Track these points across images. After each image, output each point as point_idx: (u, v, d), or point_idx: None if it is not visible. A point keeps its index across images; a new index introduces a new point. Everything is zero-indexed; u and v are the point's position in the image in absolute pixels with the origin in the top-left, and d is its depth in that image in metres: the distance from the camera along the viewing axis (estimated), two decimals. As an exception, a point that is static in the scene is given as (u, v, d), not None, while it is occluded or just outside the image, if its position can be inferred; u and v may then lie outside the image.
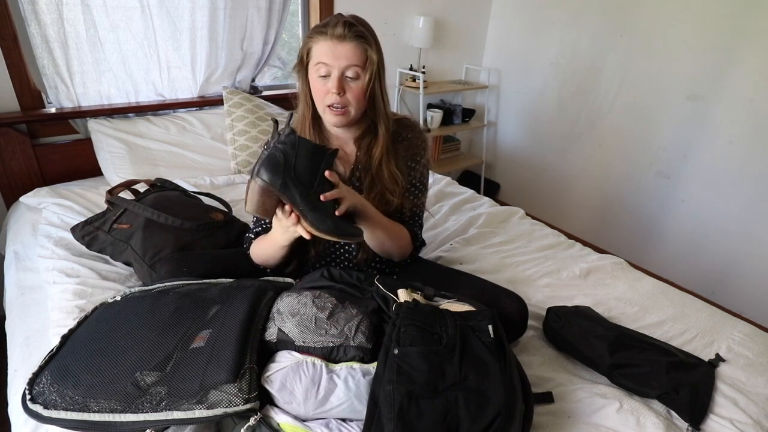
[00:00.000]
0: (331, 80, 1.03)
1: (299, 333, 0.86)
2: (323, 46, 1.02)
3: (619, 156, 2.54)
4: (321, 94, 1.05)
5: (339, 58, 1.01)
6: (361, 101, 1.06)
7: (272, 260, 1.12)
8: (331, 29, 1.00)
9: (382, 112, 1.10)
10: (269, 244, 1.08)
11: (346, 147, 1.18)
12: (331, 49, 1.01)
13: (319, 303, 0.90)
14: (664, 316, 1.27)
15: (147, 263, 1.23)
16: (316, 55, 1.03)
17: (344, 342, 0.86)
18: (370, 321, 0.90)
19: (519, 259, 1.53)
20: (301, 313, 0.88)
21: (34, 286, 1.27)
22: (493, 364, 0.81)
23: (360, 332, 0.87)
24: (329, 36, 1.01)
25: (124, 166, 1.78)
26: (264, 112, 2.05)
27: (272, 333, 0.88)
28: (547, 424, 0.91)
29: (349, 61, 1.01)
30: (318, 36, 1.02)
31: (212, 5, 1.94)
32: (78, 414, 0.75)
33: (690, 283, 2.27)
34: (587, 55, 2.55)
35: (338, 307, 0.91)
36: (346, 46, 1.01)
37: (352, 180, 1.18)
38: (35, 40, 1.67)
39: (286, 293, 0.96)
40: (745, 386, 1.03)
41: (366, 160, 1.15)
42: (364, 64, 1.03)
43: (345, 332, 0.86)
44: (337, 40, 1.00)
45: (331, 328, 0.87)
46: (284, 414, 0.79)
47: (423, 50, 2.73)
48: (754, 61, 1.96)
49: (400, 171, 1.15)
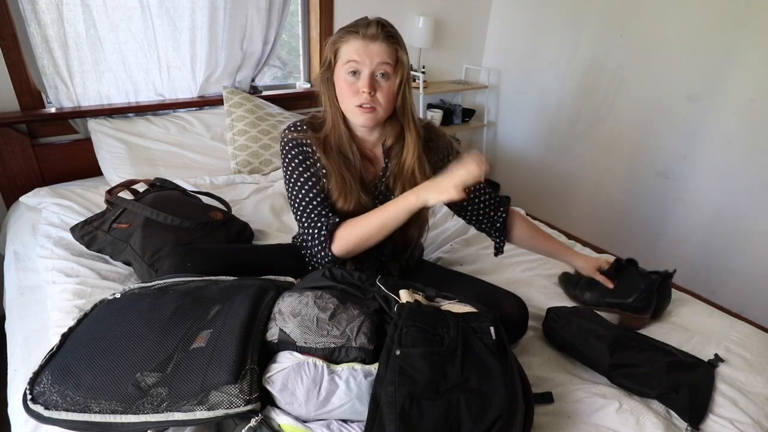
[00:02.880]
0: (361, 79, 1.01)
1: (301, 334, 0.86)
2: (354, 44, 1.00)
3: (619, 156, 2.54)
4: (350, 93, 1.03)
5: (371, 56, 0.99)
6: (390, 102, 1.04)
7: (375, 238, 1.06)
8: (363, 29, 1.00)
9: (411, 118, 1.09)
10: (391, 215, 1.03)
11: (375, 150, 1.16)
12: (363, 47, 0.99)
13: (320, 303, 0.90)
14: (663, 316, 1.28)
15: (146, 262, 1.23)
16: (346, 54, 1.01)
17: (346, 343, 0.86)
18: (372, 322, 0.90)
19: (519, 260, 1.53)
20: (303, 314, 0.88)
21: (34, 286, 1.27)
22: (494, 366, 0.81)
23: (362, 333, 0.87)
24: (361, 35, 1.00)
25: (124, 166, 1.78)
26: (264, 112, 2.05)
27: (274, 333, 0.88)
28: (547, 424, 0.91)
29: (381, 58, 1.00)
30: (348, 35, 1.01)
31: (212, 5, 1.94)
32: (79, 415, 0.75)
33: (690, 283, 2.28)
34: (587, 55, 2.55)
35: (340, 307, 0.90)
36: (378, 46, 1.00)
37: (378, 186, 1.16)
38: (35, 40, 1.67)
39: (288, 293, 0.96)
40: (745, 386, 1.03)
41: (396, 167, 1.13)
42: (395, 64, 1.02)
43: (347, 333, 0.86)
44: (369, 39, 0.99)
45: (333, 329, 0.87)
46: (285, 415, 0.79)
47: (423, 50, 2.73)
48: (754, 61, 1.96)
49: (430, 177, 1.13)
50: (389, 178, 1.15)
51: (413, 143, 1.10)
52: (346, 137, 1.10)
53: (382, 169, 1.16)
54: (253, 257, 1.22)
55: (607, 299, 1.25)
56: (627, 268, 1.25)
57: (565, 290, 1.38)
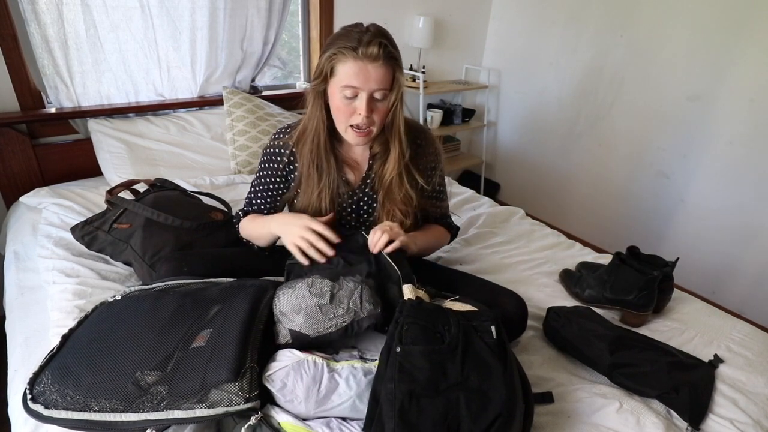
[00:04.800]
0: (358, 101, 1.00)
1: (310, 326, 0.87)
2: (353, 67, 0.96)
3: (619, 156, 2.54)
4: (346, 114, 1.02)
5: (369, 81, 0.97)
6: (384, 120, 1.06)
7: (260, 242, 1.20)
8: (363, 48, 0.95)
9: (398, 133, 1.09)
10: (266, 231, 1.15)
11: (363, 154, 1.18)
12: (362, 71, 0.96)
13: (315, 291, 0.90)
14: (664, 313, 1.28)
15: (147, 263, 1.23)
16: (344, 77, 0.98)
17: (355, 317, 0.87)
18: (369, 286, 0.92)
19: (519, 259, 1.53)
20: (304, 307, 0.89)
21: (34, 286, 1.27)
22: (495, 365, 0.81)
23: (365, 302, 0.88)
24: (361, 56, 0.95)
25: (124, 166, 1.78)
26: (264, 112, 2.05)
27: (285, 335, 0.88)
28: (547, 424, 0.91)
29: (380, 84, 0.98)
30: (346, 54, 0.96)
31: (212, 5, 1.94)
32: (79, 414, 0.75)
33: (690, 283, 2.28)
34: (587, 55, 2.55)
35: (335, 287, 0.91)
36: (378, 70, 0.97)
37: (363, 187, 1.18)
38: (35, 40, 1.67)
39: (281, 292, 0.95)
40: (745, 386, 1.03)
41: (380, 170, 1.14)
42: (391, 85, 1.01)
43: (351, 307, 0.87)
44: (369, 60, 0.96)
45: (338, 309, 0.87)
46: (285, 413, 0.79)
47: (423, 50, 2.73)
48: (754, 61, 1.96)
49: (413, 187, 1.14)
50: (375, 181, 1.17)
51: (395, 160, 1.10)
52: (324, 148, 1.11)
53: (366, 173, 1.18)
54: (250, 261, 1.22)
55: (607, 296, 1.25)
56: (628, 264, 1.25)
57: (565, 287, 1.38)
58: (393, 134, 1.09)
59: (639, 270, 1.22)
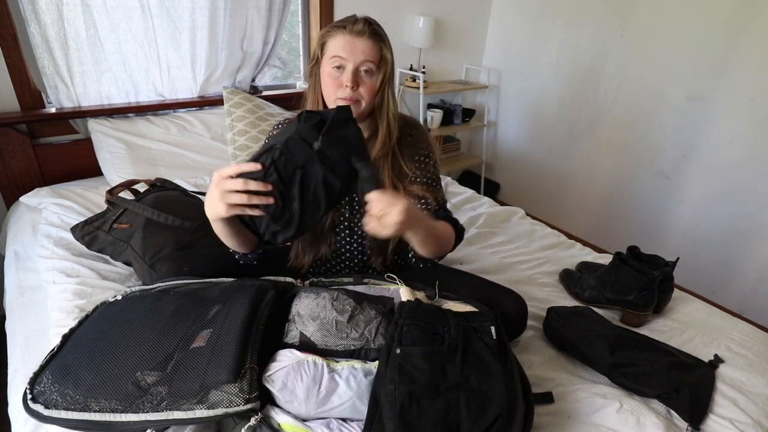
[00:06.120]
0: (345, 74, 1.03)
1: (321, 336, 0.88)
2: (340, 40, 1.03)
3: (619, 156, 2.54)
4: (333, 87, 1.05)
5: (356, 52, 1.02)
6: (372, 97, 1.07)
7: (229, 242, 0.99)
8: (350, 25, 1.02)
9: (386, 116, 1.10)
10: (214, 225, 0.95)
11: None
12: (348, 43, 1.02)
13: (338, 306, 0.91)
14: (664, 312, 1.28)
15: (147, 263, 1.23)
16: (332, 49, 1.04)
17: (365, 345, 0.87)
18: (389, 321, 0.91)
19: (519, 259, 1.53)
20: (322, 317, 0.89)
21: (34, 286, 1.27)
22: (495, 365, 0.81)
23: (380, 334, 0.88)
24: (348, 31, 1.02)
25: (124, 166, 1.78)
26: (264, 112, 2.04)
27: (294, 336, 0.88)
28: (547, 424, 0.91)
29: (366, 56, 1.02)
30: (335, 31, 1.04)
31: (212, 5, 1.94)
32: (79, 414, 0.75)
33: (690, 283, 2.27)
34: (587, 55, 2.55)
35: (357, 309, 0.91)
36: (364, 42, 1.02)
37: None
38: (35, 40, 1.67)
39: (304, 294, 0.96)
40: (745, 386, 1.03)
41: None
42: (378, 61, 1.04)
43: (365, 335, 0.88)
44: (355, 35, 1.02)
45: (352, 332, 0.88)
46: (285, 414, 0.79)
47: (423, 50, 2.73)
48: (754, 61, 1.96)
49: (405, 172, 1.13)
50: None
51: (381, 141, 1.10)
52: None
53: None
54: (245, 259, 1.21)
55: (607, 296, 1.25)
56: (628, 264, 1.25)
57: (566, 287, 1.38)
58: (382, 116, 1.10)
59: (639, 270, 1.22)
